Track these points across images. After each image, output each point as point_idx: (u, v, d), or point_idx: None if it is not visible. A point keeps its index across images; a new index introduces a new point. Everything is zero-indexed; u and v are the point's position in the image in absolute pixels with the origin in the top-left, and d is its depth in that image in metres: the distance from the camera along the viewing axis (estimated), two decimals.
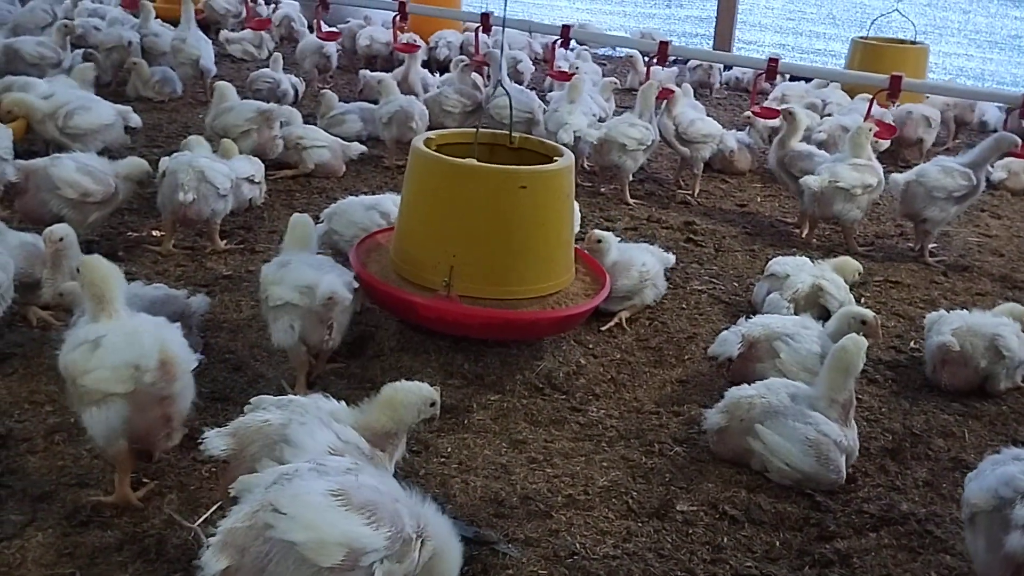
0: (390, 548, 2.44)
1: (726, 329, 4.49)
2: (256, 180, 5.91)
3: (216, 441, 2.86)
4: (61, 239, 4.27)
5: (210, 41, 9.33)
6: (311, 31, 10.65)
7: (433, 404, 3.16)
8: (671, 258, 5.30)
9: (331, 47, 9.95)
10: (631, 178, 7.06)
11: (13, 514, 3.10)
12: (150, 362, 3.04)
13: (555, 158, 4.49)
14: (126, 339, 3.08)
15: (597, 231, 5.01)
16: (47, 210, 4.97)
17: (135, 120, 6.73)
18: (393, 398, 3.12)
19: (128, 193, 5.33)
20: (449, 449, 3.74)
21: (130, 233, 5.58)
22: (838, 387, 3.67)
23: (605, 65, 11.75)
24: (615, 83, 8.79)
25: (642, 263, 4.96)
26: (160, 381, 3.07)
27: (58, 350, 3.14)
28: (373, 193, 6.07)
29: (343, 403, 3.17)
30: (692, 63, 11.20)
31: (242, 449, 2.86)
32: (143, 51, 9.07)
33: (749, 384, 3.89)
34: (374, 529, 2.42)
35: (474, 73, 8.61)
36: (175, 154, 5.39)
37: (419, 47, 10.68)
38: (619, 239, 5.10)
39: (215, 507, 3.16)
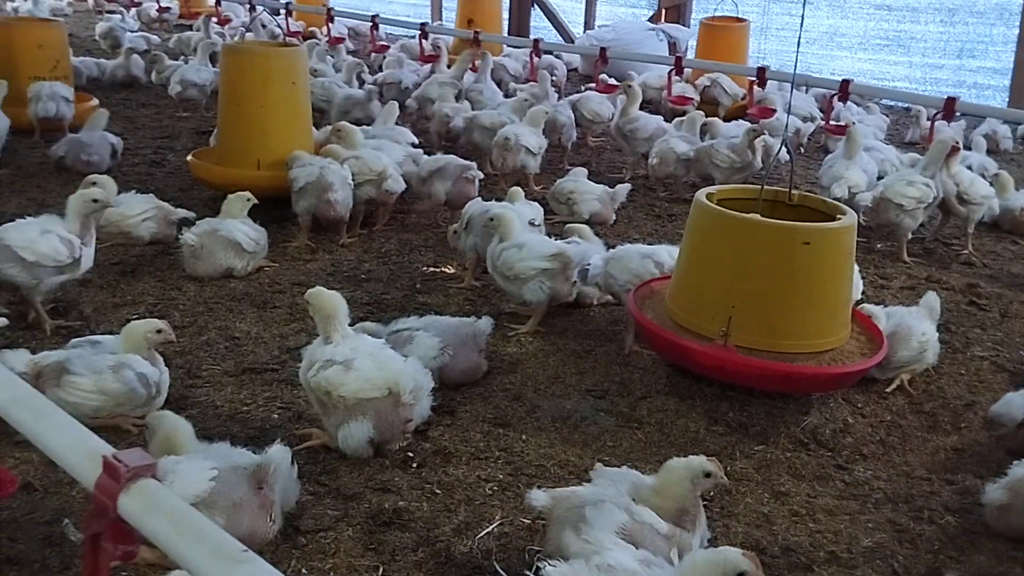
0: None
1: None
2: (536, 223, 6.32)
3: (539, 497, 3.13)
4: None
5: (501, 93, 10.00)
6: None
7: (709, 475, 3.16)
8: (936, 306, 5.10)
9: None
10: (909, 236, 6.87)
11: (329, 509, 3.58)
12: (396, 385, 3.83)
13: (836, 216, 4.53)
14: (373, 361, 3.84)
15: (866, 307, 4.94)
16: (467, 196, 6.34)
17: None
18: (665, 474, 3.20)
19: None
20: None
21: (426, 268, 6.16)
22: None
23: (887, 117, 11.39)
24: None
25: (922, 332, 4.84)
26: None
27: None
28: (645, 239, 6.33)
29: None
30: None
31: (552, 510, 3.12)
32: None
33: None
34: None
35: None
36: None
37: (692, 100, 10.87)
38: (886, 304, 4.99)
39: (496, 524, 3.50)
